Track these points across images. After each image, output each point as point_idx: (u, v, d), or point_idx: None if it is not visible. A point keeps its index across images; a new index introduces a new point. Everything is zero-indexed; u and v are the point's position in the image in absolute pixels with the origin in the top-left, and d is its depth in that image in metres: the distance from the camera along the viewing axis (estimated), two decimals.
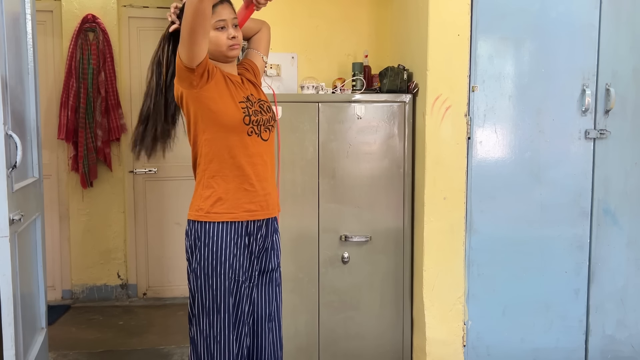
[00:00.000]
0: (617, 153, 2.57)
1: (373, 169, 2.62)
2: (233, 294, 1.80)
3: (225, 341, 1.80)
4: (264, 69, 2.08)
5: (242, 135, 1.79)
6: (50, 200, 3.93)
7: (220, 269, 1.78)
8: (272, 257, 1.92)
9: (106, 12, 3.92)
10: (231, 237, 1.78)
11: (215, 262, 1.78)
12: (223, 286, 1.78)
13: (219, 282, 1.78)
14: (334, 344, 2.65)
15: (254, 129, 1.82)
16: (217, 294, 1.78)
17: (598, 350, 2.63)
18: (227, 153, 1.78)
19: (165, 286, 4.15)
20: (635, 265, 2.62)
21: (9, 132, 2.00)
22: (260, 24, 2.07)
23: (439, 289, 2.53)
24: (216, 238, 1.78)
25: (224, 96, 1.78)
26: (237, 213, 1.79)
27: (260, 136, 1.84)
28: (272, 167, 1.90)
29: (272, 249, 1.92)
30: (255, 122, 1.82)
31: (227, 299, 1.79)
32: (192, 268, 1.80)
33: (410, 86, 2.63)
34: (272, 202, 1.88)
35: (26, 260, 2.31)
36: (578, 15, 2.51)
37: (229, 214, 1.78)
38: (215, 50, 1.81)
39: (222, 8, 1.79)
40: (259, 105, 1.87)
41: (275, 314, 1.95)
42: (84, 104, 3.82)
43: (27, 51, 2.49)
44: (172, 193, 4.09)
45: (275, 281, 1.95)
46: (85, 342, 3.28)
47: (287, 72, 2.92)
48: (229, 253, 1.78)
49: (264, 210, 1.85)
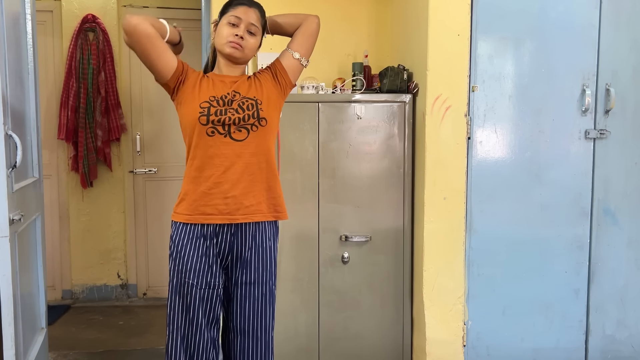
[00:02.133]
0: (617, 153, 2.57)
1: (373, 168, 2.62)
2: (183, 296, 1.79)
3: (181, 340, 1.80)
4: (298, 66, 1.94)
5: (202, 136, 1.74)
6: (50, 200, 3.93)
7: (175, 267, 1.81)
8: (247, 269, 1.82)
9: (106, 12, 3.92)
10: (188, 237, 1.79)
11: (173, 260, 1.82)
12: (176, 284, 1.81)
13: (174, 279, 1.82)
14: (334, 344, 2.65)
15: (216, 128, 1.74)
16: (172, 290, 1.82)
17: (598, 350, 2.63)
18: (189, 154, 1.80)
19: (165, 286, 4.13)
20: (635, 265, 2.62)
21: (9, 132, 2.00)
22: (302, 18, 1.98)
23: (439, 289, 2.53)
24: (176, 237, 1.81)
25: (188, 98, 1.80)
26: (193, 215, 1.77)
27: (230, 136, 1.75)
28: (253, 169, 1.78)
29: (247, 261, 1.82)
30: (218, 121, 1.73)
31: (180, 299, 1.80)
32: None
33: (410, 86, 2.63)
34: (237, 207, 1.76)
35: (26, 260, 2.31)
36: (578, 15, 2.51)
37: (186, 215, 1.78)
38: (218, 43, 1.84)
39: (244, 9, 1.83)
40: (238, 104, 1.78)
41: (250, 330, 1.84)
42: (84, 103, 3.82)
43: (27, 51, 2.49)
44: (172, 193, 4.08)
45: (251, 296, 1.83)
46: (85, 342, 3.28)
47: None
48: (184, 254, 1.79)
49: (223, 215, 1.75)
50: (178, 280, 1.81)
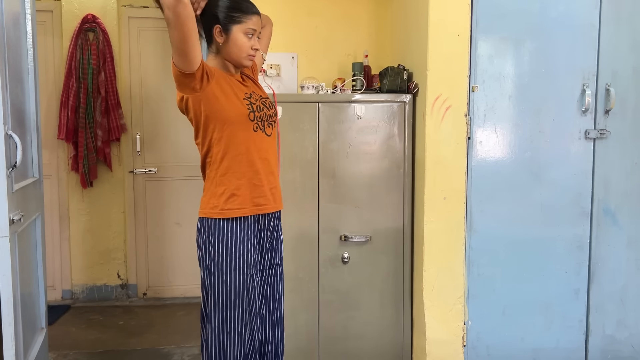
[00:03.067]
0: (617, 153, 2.57)
1: (373, 169, 2.62)
2: (247, 289, 1.83)
3: (237, 337, 1.82)
4: (261, 66, 2.11)
5: (249, 131, 1.83)
6: (50, 200, 3.94)
7: (234, 265, 1.80)
8: (277, 251, 1.99)
9: (106, 12, 3.92)
10: (245, 232, 1.82)
11: (230, 258, 1.80)
12: (238, 281, 1.81)
13: (234, 277, 1.80)
14: (334, 344, 2.65)
15: (259, 124, 1.86)
16: (231, 289, 1.81)
17: (598, 350, 2.63)
18: (237, 150, 1.82)
19: (165, 286, 4.15)
20: (635, 265, 2.62)
21: (9, 132, 2.00)
22: (264, 20, 2.06)
23: (439, 289, 2.53)
24: (231, 234, 1.81)
25: (228, 94, 1.80)
26: (249, 208, 1.83)
27: (265, 132, 1.89)
28: (276, 161, 1.96)
29: (276, 243, 1.99)
30: (259, 117, 1.86)
31: (242, 294, 1.82)
32: (206, 265, 1.82)
33: (410, 86, 2.63)
34: (278, 195, 1.94)
35: (26, 260, 2.31)
36: (578, 15, 2.51)
37: (241, 209, 1.82)
38: (235, 53, 1.85)
39: (256, 19, 1.86)
40: (261, 101, 1.91)
41: (278, 307, 2.02)
42: (84, 104, 3.82)
43: (27, 51, 2.49)
44: (172, 193, 4.09)
45: (279, 275, 2.02)
46: (85, 342, 3.29)
47: (287, 72, 2.92)
48: (243, 248, 1.82)
49: (271, 204, 1.90)
50: (240, 277, 1.81)
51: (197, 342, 3.26)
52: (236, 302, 1.81)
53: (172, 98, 4.03)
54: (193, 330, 3.46)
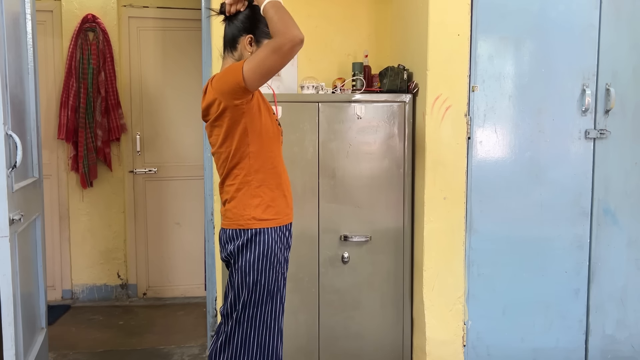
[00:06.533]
0: (617, 153, 2.57)
1: (373, 169, 2.62)
2: (281, 288, 1.94)
3: (276, 329, 1.94)
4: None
5: (278, 145, 1.94)
6: (50, 200, 3.94)
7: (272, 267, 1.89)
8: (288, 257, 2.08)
9: (106, 12, 3.92)
10: (280, 239, 1.91)
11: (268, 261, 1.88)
12: (276, 281, 1.91)
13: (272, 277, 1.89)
14: (334, 344, 2.65)
15: (281, 138, 1.97)
16: (270, 288, 1.89)
17: (598, 350, 2.63)
18: (271, 163, 1.89)
19: (165, 286, 4.15)
20: (635, 265, 2.62)
21: (9, 132, 2.00)
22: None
23: (439, 289, 2.53)
24: (270, 241, 1.88)
25: (264, 111, 1.87)
26: (281, 218, 1.91)
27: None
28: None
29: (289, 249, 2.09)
30: (281, 132, 1.97)
31: (281, 291, 1.94)
32: (239, 265, 1.86)
33: (410, 86, 2.63)
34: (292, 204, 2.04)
35: (26, 260, 2.31)
36: (578, 15, 2.51)
37: (277, 219, 1.90)
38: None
39: None
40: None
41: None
42: (84, 103, 3.82)
43: (27, 51, 2.49)
44: (172, 193, 4.09)
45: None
46: (85, 342, 3.29)
47: (287, 72, 2.91)
48: (278, 252, 1.90)
49: (292, 213, 2.00)
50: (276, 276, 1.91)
51: (197, 342, 3.26)
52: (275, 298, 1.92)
53: (172, 98, 4.06)
54: (193, 330, 3.47)
